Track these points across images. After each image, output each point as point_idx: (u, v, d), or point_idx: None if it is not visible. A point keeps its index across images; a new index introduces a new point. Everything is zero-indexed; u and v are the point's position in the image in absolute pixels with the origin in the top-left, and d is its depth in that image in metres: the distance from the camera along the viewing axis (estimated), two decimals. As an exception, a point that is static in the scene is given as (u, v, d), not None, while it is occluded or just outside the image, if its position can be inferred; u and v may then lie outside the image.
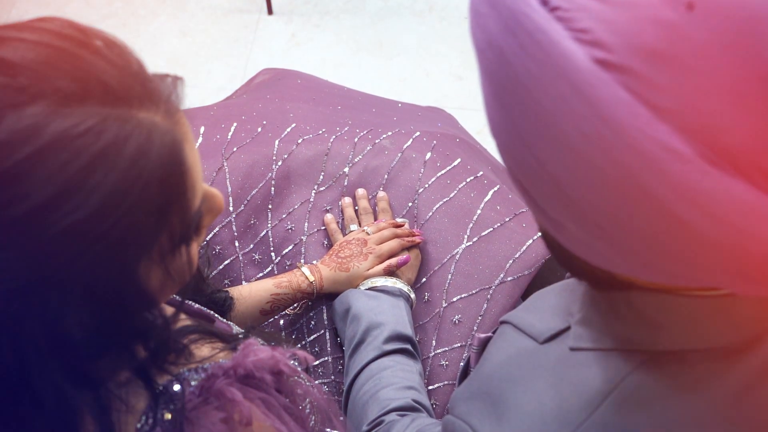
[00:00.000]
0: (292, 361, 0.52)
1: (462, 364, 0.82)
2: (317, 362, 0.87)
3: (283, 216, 0.91)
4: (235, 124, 0.96)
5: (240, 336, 0.56)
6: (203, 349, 0.52)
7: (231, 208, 0.90)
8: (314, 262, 0.88)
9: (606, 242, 0.37)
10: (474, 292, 0.86)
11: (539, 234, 0.51)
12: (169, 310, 0.59)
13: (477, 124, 1.74)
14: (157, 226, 0.40)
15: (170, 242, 0.41)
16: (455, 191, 0.92)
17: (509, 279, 0.86)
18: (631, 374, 0.43)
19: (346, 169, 0.94)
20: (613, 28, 0.32)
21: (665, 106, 0.31)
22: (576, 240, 0.39)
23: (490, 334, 0.61)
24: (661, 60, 0.31)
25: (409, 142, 0.96)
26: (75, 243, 0.36)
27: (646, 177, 0.32)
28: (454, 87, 1.83)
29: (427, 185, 0.92)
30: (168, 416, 0.45)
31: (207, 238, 0.89)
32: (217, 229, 0.90)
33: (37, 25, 0.38)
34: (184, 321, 0.54)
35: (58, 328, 0.38)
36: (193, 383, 0.47)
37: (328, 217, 0.91)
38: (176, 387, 0.46)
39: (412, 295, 0.86)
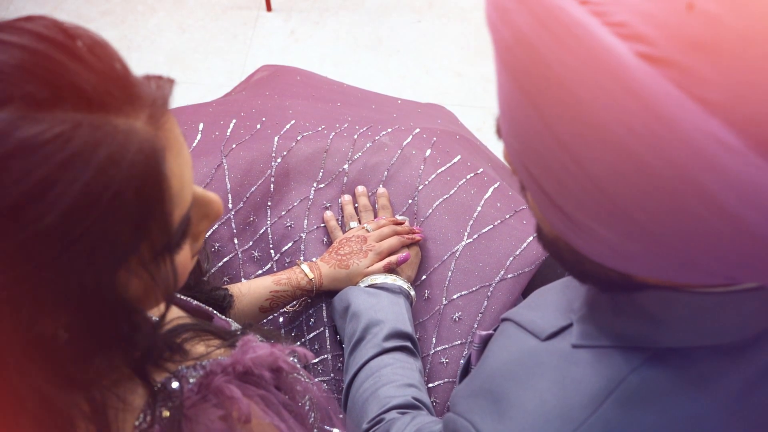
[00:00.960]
0: (291, 358, 0.52)
1: (462, 361, 0.82)
2: (317, 360, 0.86)
3: (283, 213, 0.91)
4: (234, 121, 0.96)
5: (238, 333, 0.56)
6: (199, 347, 0.51)
7: (230, 205, 0.90)
8: (314, 259, 0.88)
9: (644, 244, 0.36)
10: (474, 289, 0.86)
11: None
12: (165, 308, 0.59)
13: (476, 121, 1.74)
14: (135, 235, 0.38)
15: (151, 252, 0.40)
16: (455, 188, 0.92)
17: (510, 276, 0.85)
18: (634, 371, 0.43)
19: (346, 166, 0.93)
20: (652, 21, 0.31)
21: (713, 99, 0.30)
22: (603, 244, 0.38)
23: (491, 331, 0.61)
24: (705, 52, 0.30)
25: (408, 139, 0.95)
26: (42, 250, 0.35)
27: (699, 172, 0.31)
28: (453, 84, 1.82)
29: (427, 182, 0.92)
30: (166, 414, 0.44)
31: (207, 235, 0.88)
32: (216, 226, 0.89)
33: (20, 26, 0.37)
34: (180, 319, 0.53)
35: (33, 332, 0.38)
36: (191, 380, 0.47)
37: (328, 214, 0.91)
38: (174, 384, 0.46)
39: (412, 293, 0.85)
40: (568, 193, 0.36)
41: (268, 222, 0.91)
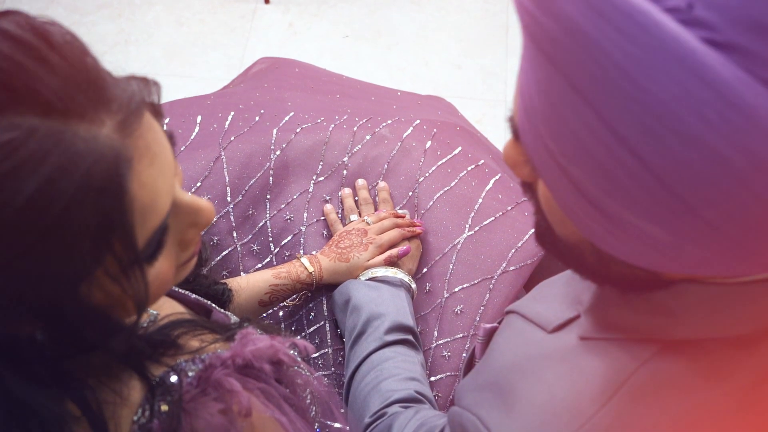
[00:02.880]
0: (291, 351, 0.51)
1: (464, 355, 0.81)
2: (317, 354, 0.86)
3: (282, 206, 0.90)
4: (232, 113, 0.95)
5: (234, 326, 0.55)
6: (192, 343, 0.50)
7: (229, 198, 0.89)
8: (314, 252, 0.87)
9: (706, 241, 0.34)
10: (476, 281, 0.85)
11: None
12: (168, 301, 0.58)
13: (476, 113, 1.73)
14: (95, 249, 0.36)
15: (118, 265, 0.38)
16: (456, 180, 0.91)
17: (511, 268, 0.85)
18: (645, 364, 0.42)
19: (346, 159, 0.92)
20: (708, 4, 0.30)
21: None
22: (647, 244, 0.36)
23: (495, 324, 0.60)
24: (766, 33, 0.29)
25: (409, 131, 0.95)
26: None
27: None
28: (453, 76, 1.81)
29: (427, 174, 0.91)
30: (165, 408, 0.43)
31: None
32: (215, 219, 0.88)
33: None
34: (175, 315, 0.52)
35: None
36: (190, 374, 0.46)
37: (328, 207, 0.90)
38: (173, 378, 0.45)
39: (413, 286, 0.84)
40: (619, 192, 0.34)
41: (268, 215, 0.90)
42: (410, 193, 0.91)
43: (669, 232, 0.35)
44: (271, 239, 0.89)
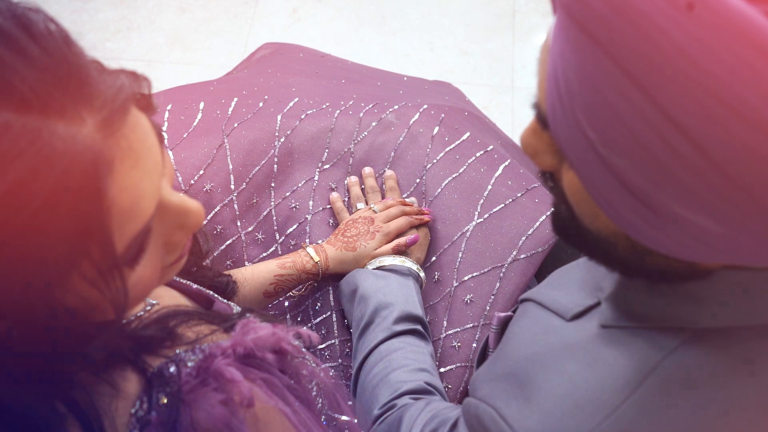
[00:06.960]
0: (296, 341, 0.49)
1: (474, 345, 0.80)
2: (324, 345, 0.84)
3: (287, 194, 0.88)
4: (235, 99, 0.93)
5: (235, 316, 0.53)
6: (189, 334, 0.48)
7: (232, 186, 0.87)
8: (320, 241, 0.86)
9: (764, 232, 0.32)
10: (486, 270, 0.83)
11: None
12: (168, 291, 0.56)
13: (483, 100, 1.70)
14: (70, 253, 0.34)
15: (96, 269, 0.36)
16: (465, 166, 0.89)
17: (522, 256, 0.83)
18: (672, 353, 0.40)
19: (351, 146, 0.90)
20: None
21: None
22: (694, 237, 0.34)
23: (509, 313, 0.59)
24: None
25: (416, 117, 0.92)
26: None
27: None
28: (459, 62, 1.78)
29: (435, 160, 0.89)
30: (164, 400, 0.42)
31: (208, 217, 0.86)
32: (218, 208, 0.87)
33: None
34: (172, 307, 0.50)
35: None
36: (189, 364, 0.44)
37: (334, 195, 0.88)
38: (171, 369, 0.43)
39: (422, 275, 0.83)
40: (672, 184, 0.32)
41: (272, 203, 0.88)
42: (418, 180, 0.89)
43: (724, 225, 0.32)
44: (276, 228, 0.88)
